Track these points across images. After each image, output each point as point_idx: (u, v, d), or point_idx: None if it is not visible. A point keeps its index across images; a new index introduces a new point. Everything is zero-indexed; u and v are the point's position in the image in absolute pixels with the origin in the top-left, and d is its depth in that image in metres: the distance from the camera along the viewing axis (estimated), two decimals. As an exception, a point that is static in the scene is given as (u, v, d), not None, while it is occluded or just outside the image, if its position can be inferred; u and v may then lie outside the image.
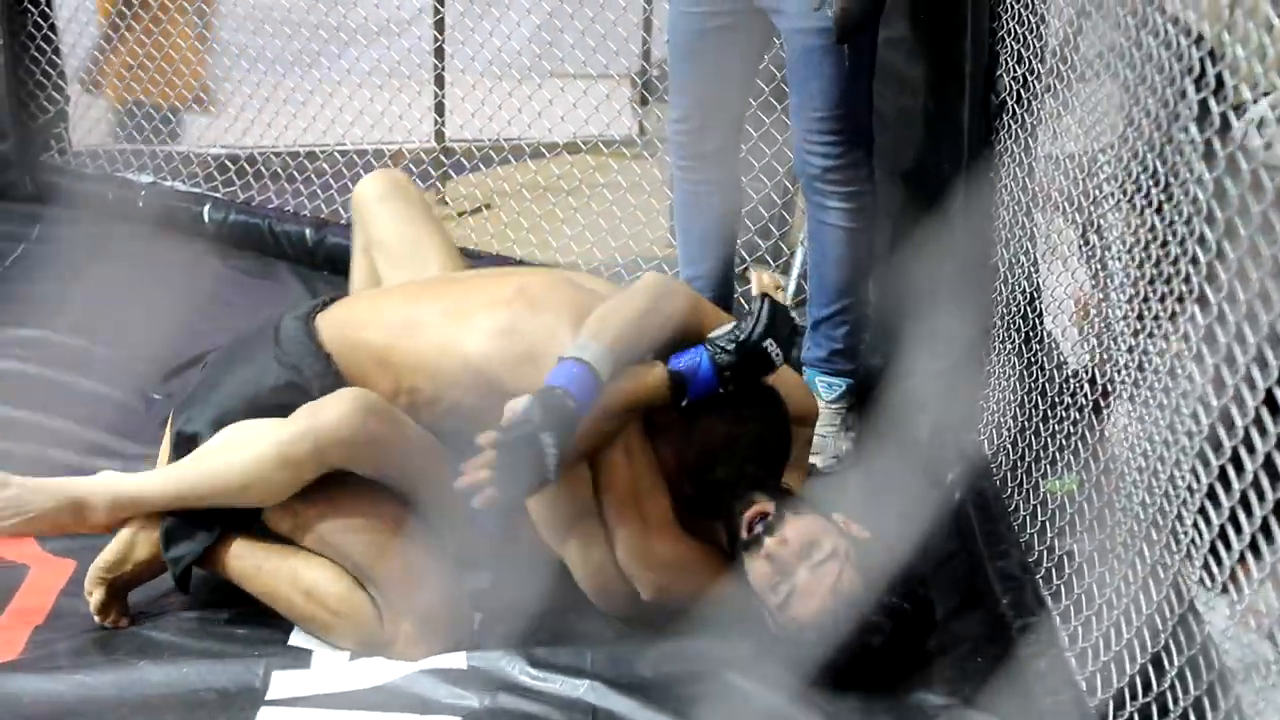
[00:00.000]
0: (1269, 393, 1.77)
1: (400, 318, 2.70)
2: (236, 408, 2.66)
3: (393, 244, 3.01)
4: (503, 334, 2.60)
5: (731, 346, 2.56)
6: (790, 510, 2.54)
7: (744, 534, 2.53)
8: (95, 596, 2.62)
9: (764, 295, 2.64)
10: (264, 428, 2.58)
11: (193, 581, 2.68)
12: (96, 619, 2.63)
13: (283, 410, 2.58)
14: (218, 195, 4.80)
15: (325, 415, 2.52)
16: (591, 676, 2.51)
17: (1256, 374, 1.78)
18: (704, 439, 2.62)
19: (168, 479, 2.64)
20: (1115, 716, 2.22)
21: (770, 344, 2.58)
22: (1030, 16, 2.94)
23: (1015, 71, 3.03)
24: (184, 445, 2.69)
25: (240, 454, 2.56)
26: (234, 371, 2.74)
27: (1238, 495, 1.83)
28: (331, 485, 2.57)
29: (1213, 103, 1.83)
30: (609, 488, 2.57)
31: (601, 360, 2.44)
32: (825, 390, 3.41)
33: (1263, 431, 1.76)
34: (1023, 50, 2.98)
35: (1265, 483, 1.76)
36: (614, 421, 2.54)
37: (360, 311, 2.79)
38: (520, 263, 4.33)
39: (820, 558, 2.48)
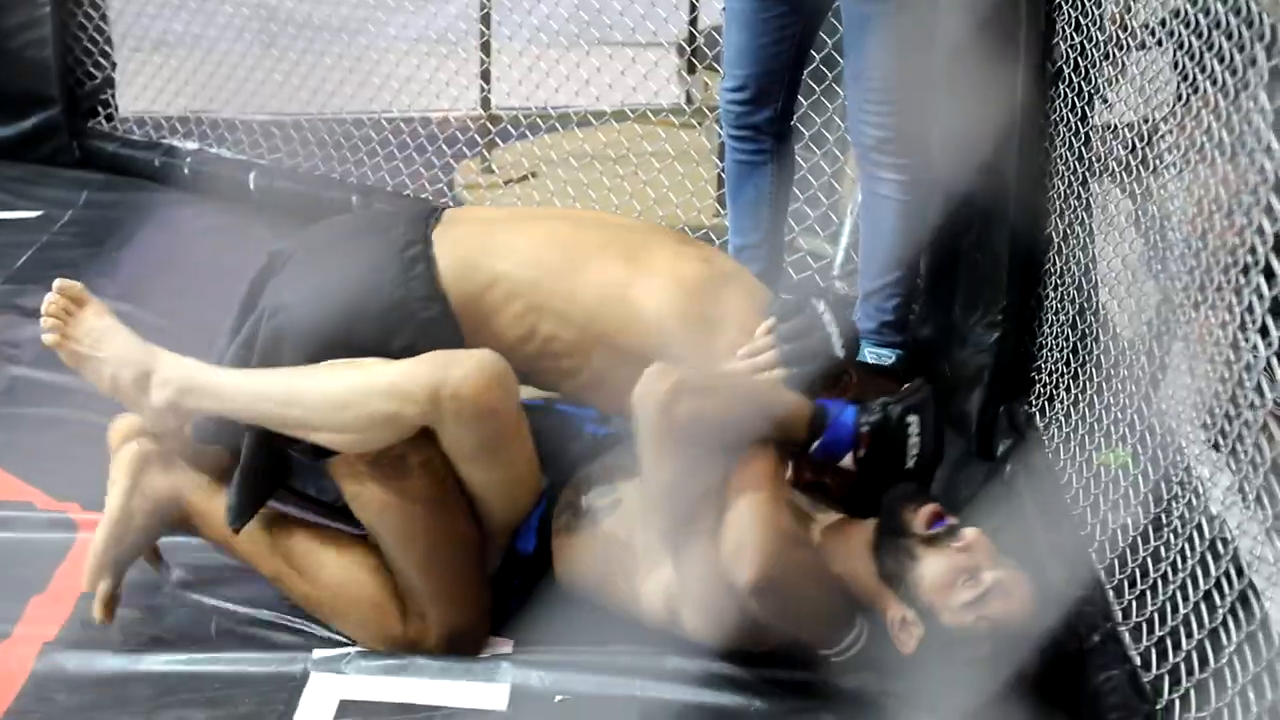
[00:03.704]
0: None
1: (554, 255, 2.52)
2: (337, 319, 2.44)
3: None
4: (691, 294, 2.49)
5: (877, 412, 2.41)
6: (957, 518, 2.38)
7: (921, 529, 2.32)
8: (103, 588, 2.49)
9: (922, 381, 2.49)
10: (378, 360, 2.39)
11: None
12: (99, 616, 2.49)
13: (385, 336, 2.43)
14: (263, 162, 4.82)
15: (456, 367, 2.33)
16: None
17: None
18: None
19: (254, 380, 2.44)
20: (1170, 692, 2.21)
21: (914, 425, 2.42)
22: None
23: (1073, 39, 2.99)
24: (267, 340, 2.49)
25: (349, 374, 2.37)
26: (345, 271, 2.51)
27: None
28: (413, 473, 2.41)
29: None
30: (743, 475, 2.35)
31: None
32: (874, 361, 3.39)
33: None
34: (1080, 17, 2.95)
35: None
36: (761, 425, 2.40)
37: (494, 239, 2.56)
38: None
39: (1007, 563, 2.34)
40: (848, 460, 2.41)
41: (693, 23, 5.47)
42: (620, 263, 2.51)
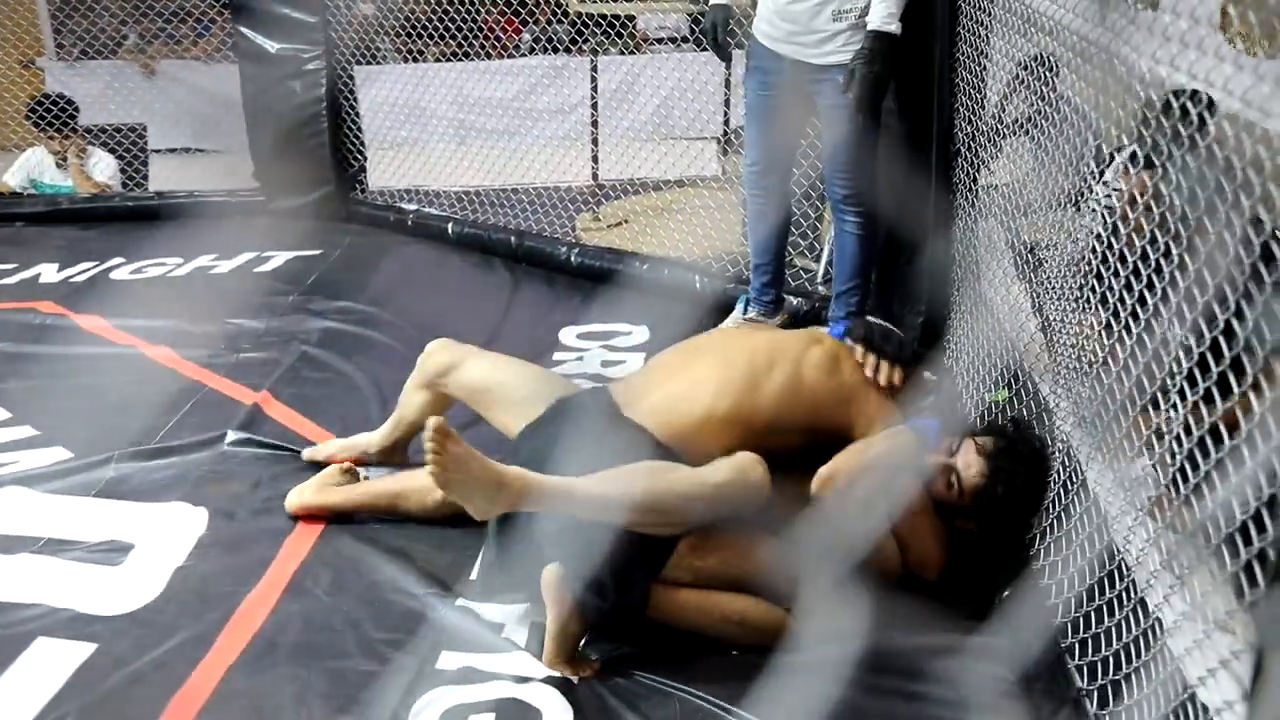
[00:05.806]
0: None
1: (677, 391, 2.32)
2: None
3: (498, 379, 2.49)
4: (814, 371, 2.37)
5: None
6: None
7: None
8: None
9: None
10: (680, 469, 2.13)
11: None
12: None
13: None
14: (457, 216, 4.83)
15: (754, 471, 2.14)
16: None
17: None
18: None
19: (593, 485, 2.09)
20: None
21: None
22: (975, 93, 2.88)
23: (967, 129, 2.96)
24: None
25: (672, 480, 2.11)
26: (576, 436, 2.24)
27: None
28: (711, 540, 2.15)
29: (1104, 148, 1.78)
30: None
31: None
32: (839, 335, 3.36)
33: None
34: (971, 115, 2.91)
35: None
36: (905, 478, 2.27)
37: (667, 390, 2.34)
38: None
39: None
40: None
41: (725, 123, 5.44)
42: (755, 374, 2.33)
